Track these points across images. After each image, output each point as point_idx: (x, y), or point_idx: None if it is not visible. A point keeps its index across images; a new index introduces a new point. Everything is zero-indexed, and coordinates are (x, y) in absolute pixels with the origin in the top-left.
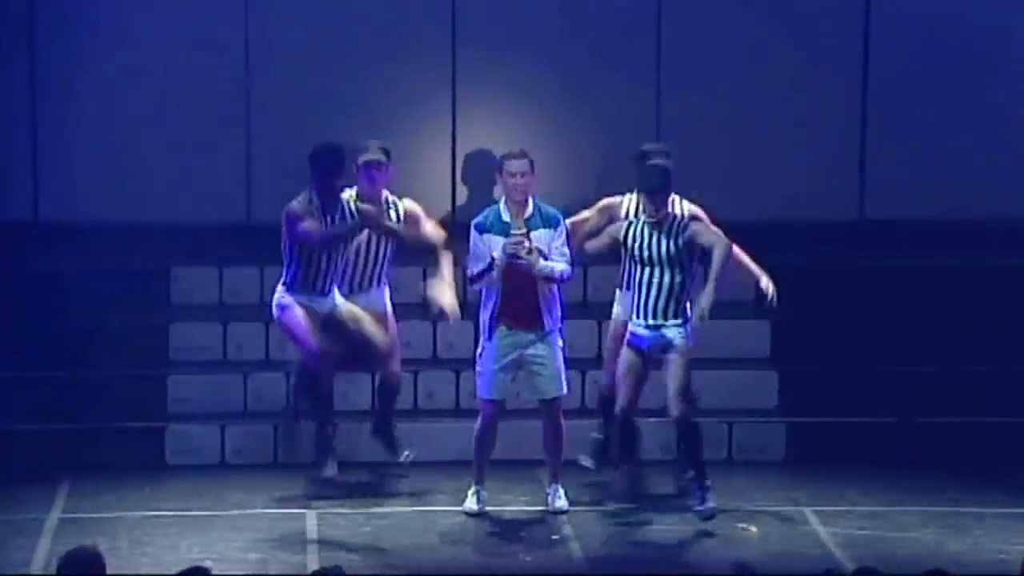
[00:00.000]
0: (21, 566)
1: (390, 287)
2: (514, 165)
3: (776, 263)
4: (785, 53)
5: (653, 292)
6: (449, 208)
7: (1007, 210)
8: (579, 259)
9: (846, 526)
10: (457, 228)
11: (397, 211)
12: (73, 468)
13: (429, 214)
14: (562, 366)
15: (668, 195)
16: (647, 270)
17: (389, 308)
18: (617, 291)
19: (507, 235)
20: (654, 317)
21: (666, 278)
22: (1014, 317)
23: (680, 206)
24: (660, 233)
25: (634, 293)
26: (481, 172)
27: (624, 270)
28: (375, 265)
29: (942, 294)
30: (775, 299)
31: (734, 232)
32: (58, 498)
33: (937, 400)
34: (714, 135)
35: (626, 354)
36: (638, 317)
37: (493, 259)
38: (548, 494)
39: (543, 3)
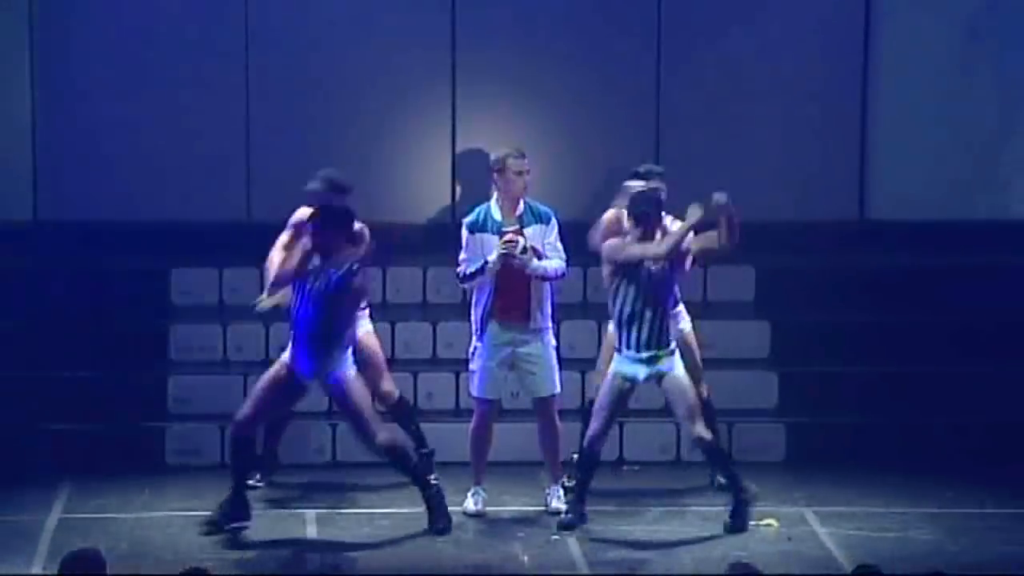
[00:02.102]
0: (22, 566)
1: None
2: (519, 164)
3: (776, 263)
4: (785, 53)
5: (647, 319)
6: (448, 207)
7: (1008, 211)
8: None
9: (846, 526)
10: (456, 229)
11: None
12: (73, 468)
13: (428, 213)
14: (555, 365)
15: (656, 222)
16: (638, 296)
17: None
18: (610, 324)
19: (499, 233)
20: (647, 348)
21: (657, 303)
22: (1014, 317)
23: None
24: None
25: (624, 322)
26: (481, 172)
27: (611, 300)
28: None
29: (942, 294)
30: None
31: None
32: (58, 498)
33: (937, 400)
34: (714, 135)
35: (614, 385)
36: (630, 348)
37: (487, 261)
38: (547, 495)
39: (543, 3)
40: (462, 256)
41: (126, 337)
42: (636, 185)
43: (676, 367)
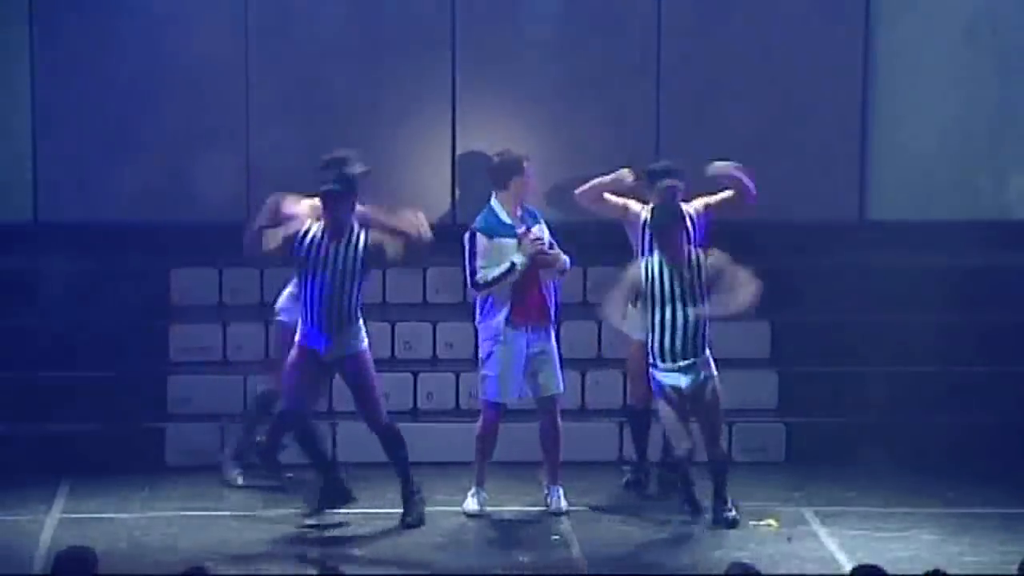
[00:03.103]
0: (22, 566)
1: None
2: (532, 169)
3: (776, 263)
4: (785, 53)
5: (679, 330)
6: (448, 207)
7: (1008, 211)
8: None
9: (845, 526)
10: (457, 229)
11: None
12: (73, 468)
13: (428, 215)
14: (559, 363)
15: (676, 232)
16: (668, 309)
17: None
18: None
19: (513, 236)
20: (684, 357)
21: (689, 313)
22: (1014, 317)
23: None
24: (674, 271)
25: (656, 334)
26: (481, 172)
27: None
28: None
29: (942, 294)
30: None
31: (733, 231)
32: (58, 498)
33: (936, 400)
34: (714, 136)
35: (666, 405)
36: (667, 360)
37: (514, 263)
38: (547, 495)
39: (543, 6)
40: (479, 263)
41: (126, 337)
42: (669, 183)
43: (716, 379)
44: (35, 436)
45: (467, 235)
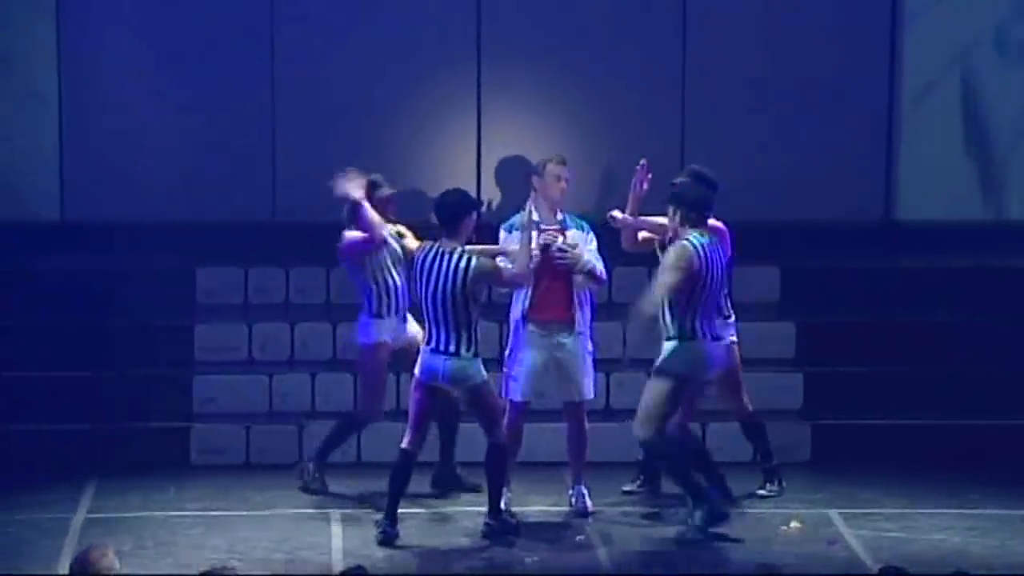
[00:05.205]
0: (47, 566)
1: None
2: (559, 169)
3: (800, 264)
4: (811, 53)
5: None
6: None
7: None
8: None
9: (871, 527)
10: (482, 233)
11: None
12: (99, 468)
13: None
14: (591, 369)
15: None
16: None
17: None
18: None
19: (538, 229)
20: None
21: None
22: None
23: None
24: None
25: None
26: (506, 178)
27: None
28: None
29: (967, 295)
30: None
31: (758, 232)
32: (84, 498)
33: (962, 401)
34: (740, 135)
35: None
36: None
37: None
38: (571, 496)
39: (568, 10)
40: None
41: (151, 336)
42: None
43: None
44: (61, 435)
45: None
